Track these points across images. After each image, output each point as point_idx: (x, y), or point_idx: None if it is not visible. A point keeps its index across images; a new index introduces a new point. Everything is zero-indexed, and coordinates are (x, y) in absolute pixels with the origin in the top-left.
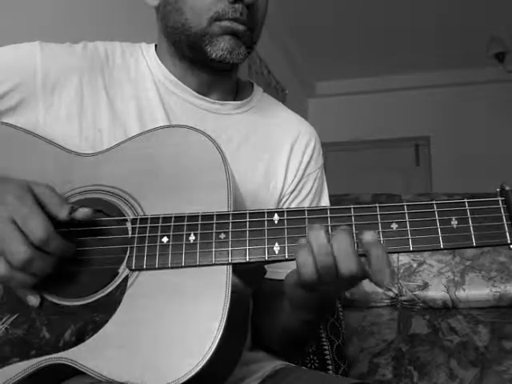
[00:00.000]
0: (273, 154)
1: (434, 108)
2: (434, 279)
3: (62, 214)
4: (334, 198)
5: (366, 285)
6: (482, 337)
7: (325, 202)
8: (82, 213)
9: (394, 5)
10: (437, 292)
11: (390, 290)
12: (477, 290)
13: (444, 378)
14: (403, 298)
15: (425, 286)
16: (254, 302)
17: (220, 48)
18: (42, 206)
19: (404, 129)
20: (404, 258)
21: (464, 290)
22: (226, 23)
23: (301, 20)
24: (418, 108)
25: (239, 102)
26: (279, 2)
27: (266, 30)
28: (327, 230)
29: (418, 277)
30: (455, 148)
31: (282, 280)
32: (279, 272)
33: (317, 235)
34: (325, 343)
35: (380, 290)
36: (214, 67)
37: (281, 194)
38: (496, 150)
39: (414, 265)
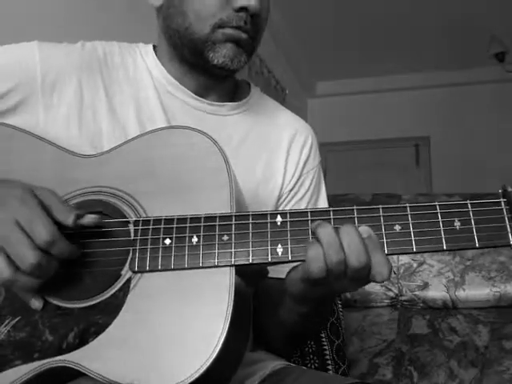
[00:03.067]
0: (271, 152)
1: (434, 108)
2: (434, 279)
3: (69, 220)
4: (333, 198)
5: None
6: (482, 337)
7: (323, 199)
8: (89, 219)
9: (394, 5)
10: (437, 292)
11: (390, 289)
12: (477, 290)
13: (444, 378)
14: (403, 298)
15: (425, 286)
16: (254, 300)
17: (222, 55)
18: (45, 209)
19: (404, 129)
20: (404, 258)
21: (464, 290)
22: (229, 31)
23: (301, 20)
24: (418, 108)
25: (237, 102)
26: (279, 2)
27: (267, 30)
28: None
29: (418, 277)
30: (455, 148)
31: (282, 279)
32: (279, 270)
33: (325, 230)
34: (325, 343)
35: (380, 290)
36: (213, 72)
37: (280, 192)
38: (496, 149)
39: (414, 265)
